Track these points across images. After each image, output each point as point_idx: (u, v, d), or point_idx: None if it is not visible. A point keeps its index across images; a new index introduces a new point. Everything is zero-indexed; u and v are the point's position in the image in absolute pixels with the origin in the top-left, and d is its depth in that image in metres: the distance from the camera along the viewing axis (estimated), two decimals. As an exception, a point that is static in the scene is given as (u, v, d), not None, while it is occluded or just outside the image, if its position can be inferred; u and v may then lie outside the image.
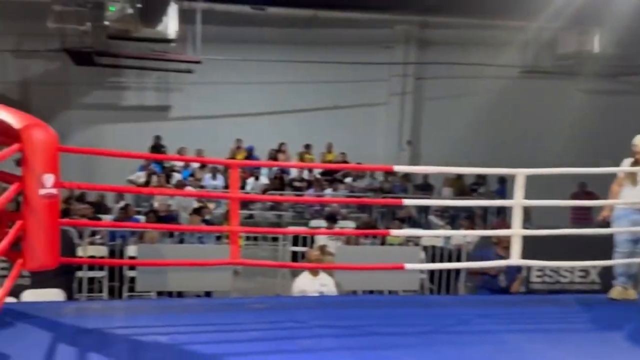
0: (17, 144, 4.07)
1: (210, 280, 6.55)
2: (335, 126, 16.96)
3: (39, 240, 4.24)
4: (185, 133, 16.11)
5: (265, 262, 6.86)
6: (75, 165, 13.42)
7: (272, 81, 16.94)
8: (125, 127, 16.18)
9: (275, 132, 16.23)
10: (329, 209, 12.09)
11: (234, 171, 5.05)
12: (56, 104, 15.81)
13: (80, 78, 16.12)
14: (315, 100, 17.24)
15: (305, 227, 10.94)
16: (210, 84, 16.64)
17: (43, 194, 4.17)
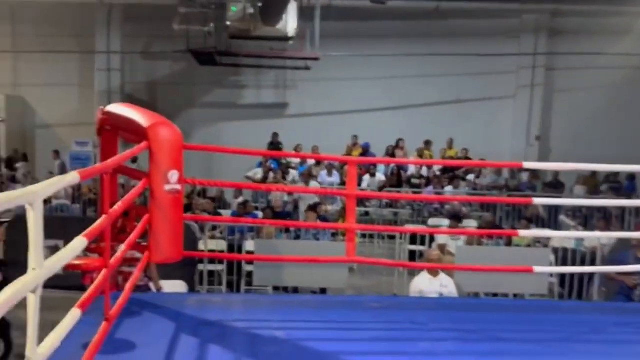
0: (145, 142, 4.31)
1: (326, 276, 6.61)
2: (458, 121, 16.59)
3: (164, 234, 4.46)
4: (301, 130, 16.44)
5: (382, 260, 6.82)
6: (196, 163, 14.17)
7: (391, 76, 16.86)
8: (243, 125, 16.77)
9: (393, 129, 16.14)
10: (450, 207, 11.83)
11: (351, 168, 5.06)
12: (180, 103, 16.71)
13: (203, 78, 16.92)
14: (437, 95, 16.96)
15: (423, 225, 10.78)
16: (327, 80, 16.85)
17: (168, 189, 4.38)
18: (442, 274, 6.35)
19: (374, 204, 13.07)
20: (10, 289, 1.76)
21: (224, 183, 4.99)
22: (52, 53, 16.53)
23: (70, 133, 17.02)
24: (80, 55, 17.26)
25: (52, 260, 2.20)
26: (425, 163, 14.65)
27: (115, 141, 5.20)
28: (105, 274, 3.31)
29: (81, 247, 2.54)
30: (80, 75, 17.51)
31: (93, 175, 3.13)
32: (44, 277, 2.01)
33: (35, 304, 1.96)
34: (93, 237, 2.74)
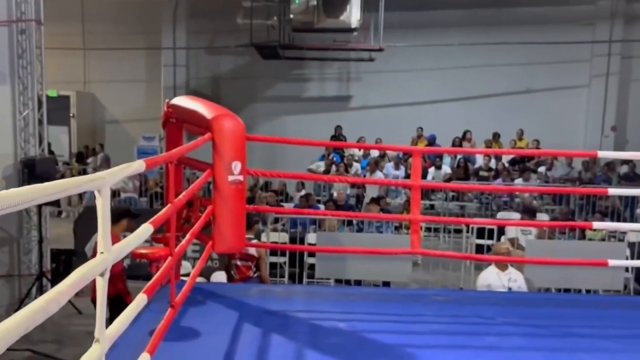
0: (209, 133, 4.40)
1: (389, 269, 6.59)
2: (528, 113, 16.20)
3: (227, 224, 4.55)
4: (364, 123, 16.41)
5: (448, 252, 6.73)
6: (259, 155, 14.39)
7: (457, 66, 16.61)
8: (306, 118, 16.89)
9: (459, 121, 15.90)
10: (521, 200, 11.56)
11: (415, 158, 5.02)
12: (244, 97, 16.97)
13: (266, 72, 17.13)
14: (505, 85, 16.60)
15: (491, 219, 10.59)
16: (392, 71, 16.74)
17: (231, 180, 4.46)
18: (511, 268, 6.22)
19: (439, 197, 12.93)
20: (79, 270, 1.83)
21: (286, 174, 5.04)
22: (120, 50, 17.11)
23: (138, 128, 17.58)
24: (147, 52, 17.80)
25: (120, 245, 2.28)
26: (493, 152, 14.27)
27: (179, 133, 5.33)
28: (170, 262, 3.40)
29: (147, 234, 2.62)
30: (147, 71, 18.05)
31: (158, 163, 3.22)
32: (111, 261, 2.09)
33: (103, 287, 2.04)
34: (159, 224, 2.82)
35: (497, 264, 6.18)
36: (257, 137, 5.59)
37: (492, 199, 12.60)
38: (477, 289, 6.14)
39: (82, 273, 1.82)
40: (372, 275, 6.91)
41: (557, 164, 14.21)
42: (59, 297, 1.60)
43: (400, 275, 6.81)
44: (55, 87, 15.68)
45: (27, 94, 8.14)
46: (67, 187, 1.73)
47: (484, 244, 9.06)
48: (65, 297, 1.65)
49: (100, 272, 2.00)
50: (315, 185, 13.37)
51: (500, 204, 12.26)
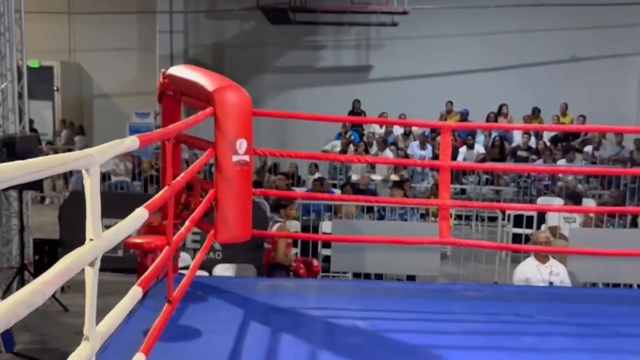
0: (210, 107, 4.41)
1: (414, 262, 6.59)
2: (572, 84, 16.04)
3: (232, 211, 4.56)
4: (387, 96, 16.33)
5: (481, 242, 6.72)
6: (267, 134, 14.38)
7: (492, 31, 16.46)
8: (320, 92, 16.84)
9: (494, 93, 15.78)
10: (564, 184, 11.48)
11: (445, 135, 5.00)
12: (250, 67, 16.93)
13: (275, 38, 17.07)
14: (546, 53, 16.44)
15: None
16: (417, 38, 16.63)
17: (236, 160, 4.47)
18: (553, 260, 6.21)
19: (471, 180, 12.87)
20: (65, 260, 1.85)
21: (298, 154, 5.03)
22: (110, 14, 17.12)
23: (130, 103, 17.63)
24: (139, 17, 17.79)
25: (111, 231, 2.29)
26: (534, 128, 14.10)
27: (177, 107, 5.34)
28: (167, 252, 3.42)
29: (142, 219, 2.63)
30: (141, 38, 18.05)
31: (153, 140, 3.23)
32: (102, 249, 2.10)
33: (93, 278, 2.05)
34: (154, 208, 2.83)
35: (536, 255, 6.16)
36: (264, 112, 5.60)
37: (532, 182, 12.51)
38: (513, 284, 6.13)
39: (69, 262, 1.83)
40: (395, 268, 6.92)
41: (606, 143, 14.09)
42: (44, 288, 1.61)
43: (427, 268, 6.82)
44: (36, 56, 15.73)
45: (4, 64, 8.17)
46: (52, 165, 1.74)
47: (522, 233, 9.02)
48: (51, 288, 1.67)
49: (89, 262, 2.01)
50: (330, 167, 13.35)
51: (540, 188, 12.18)
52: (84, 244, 2.03)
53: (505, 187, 12.78)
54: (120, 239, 2.42)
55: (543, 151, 13.45)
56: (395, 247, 6.02)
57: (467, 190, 12.78)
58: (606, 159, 13.42)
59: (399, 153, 13.33)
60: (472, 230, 10.71)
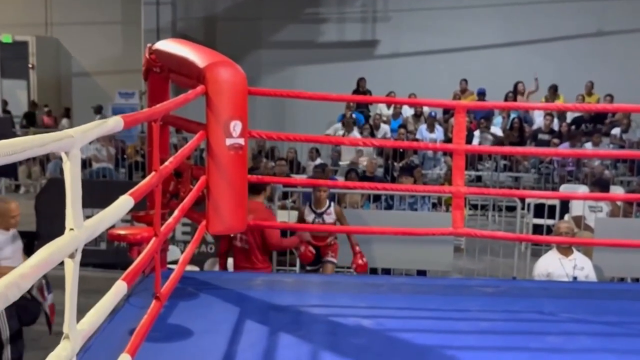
0: (201, 85, 4.40)
1: (426, 255, 6.61)
2: (599, 60, 16.02)
3: (225, 200, 4.57)
4: (395, 74, 16.31)
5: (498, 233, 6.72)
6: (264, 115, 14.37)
7: (510, 2, 16.42)
8: (322, 69, 16.81)
9: (513, 71, 15.75)
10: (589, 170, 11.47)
11: (459, 116, 4.99)
12: (245, 42, 16.91)
13: (272, 11, 17.04)
14: (571, 26, 16.40)
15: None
16: (428, 10, 16.61)
17: (230, 144, 4.47)
18: (577, 252, 6.22)
19: (487, 166, 12.85)
20: (43, 251, 1.85)
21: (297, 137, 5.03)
22: (90, -16, 17.09)
23: (113, 82, 17.63)
24: (123, -14, 17.76)
25: (94, 220, 2.29)
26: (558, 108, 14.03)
27: (165, 86, 5.34)
28: (155, 245, 3.42)
29: (127, 207, 2.63)
30: (124, 10, 18.04)
31: (139, 121, 3.23)
32: (84, 240, 2.10)
33: (73, 271, 2.05)
34: (140, 196, 2.83)
35: (559, 247, 6.17)
36: (261, 90, 5.57)
37: (554, 168, 12.50)
38: (534, 279, 6.15)
39: (47, 254, 1.83)
40: (404, 262, 6.93)
41: (635, 125, 14.06)
42: (20, 282, 1.61)
43: (440, 263, 6.83)
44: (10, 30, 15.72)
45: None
46: (29, 146, 1.73)
47: (544, 224, 9.02)
48: (28, 281, 1.67)
49: (69, 253, 2.01)
50: (333, 151, 13.34)
51: (563, 175, 12.17)
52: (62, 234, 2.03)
53: (525, 174, 12.78)
54: (103, 229, 2.42)
55: (566, 134, 13.42)
56: (404, 239, 6.03)
57: (483, 177, 12.77)
58: (636, 142, 13.41)
59: (409, 136, 13.30)
60: (489, 221, 10.71)
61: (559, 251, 6.17)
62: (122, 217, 2.81)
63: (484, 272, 8.26)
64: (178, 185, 4.88)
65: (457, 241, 8.42)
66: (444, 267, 6.99)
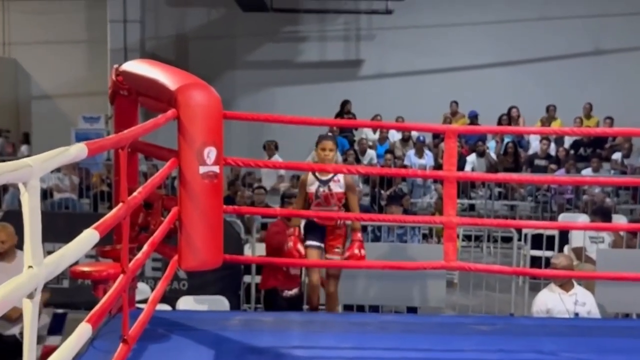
0: (173, 110, 4.39)
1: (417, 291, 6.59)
2: (597, 81, 16.18)
3: (198, 232, 4.54)
4: (380, 96, 16.39)
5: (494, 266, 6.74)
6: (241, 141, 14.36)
7: (502, 20, 16.61)
8: (303, 90, 16.88)
9: (507, 92, 15.91)
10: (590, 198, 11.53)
11: (450, 140, 5.01)
12: (219, 62, 16.96)
13: (249, 29, 17.10)
14: (566, 44, 16.60)
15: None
16: (415, 28, 16.74)
17: (203, 172, 4.45)
18: (578, 287, 6.24)
19: (481, 195, 12.90)
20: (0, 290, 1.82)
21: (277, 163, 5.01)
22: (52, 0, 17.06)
23: (77, 106, 17.57)
24: (88, 3, 17.79)
25: (55, 257, 2.26)
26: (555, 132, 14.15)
27: (133, 110, 5.33)
28: (122, 282, 3.39)
29: (92, 242, 2.61)
30: (89, 29, 18.03)
31: (105, 148, 3.21)
32: (44, 278, 2.07)
33: (32, 313, 2.02)
34: (107, 229, 2.81)
35: (558, 282, 6.18)
36: (237, 114, 5.58)
37: (552, 196, 12.56)
38: (532, 315, 6.15)
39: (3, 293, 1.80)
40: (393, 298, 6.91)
41: (637, 150, 14.18)
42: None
43: (431, 299, 6.82)
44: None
45: None
46: (-18, 177, 1.71)
47: (542, 255, 9.04)
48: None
49: (28, 293, 1.98)
50: (315, 179, 13.34)
51: (562, 203, 12.23)
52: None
53: (521, 202, 12.82)
54: (65, 266, 2.40)
55: (564, 159, 13.52)
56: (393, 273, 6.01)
57: (477, 205, 12.80)
58: (638, 168, 13.51)
59: (396, 162, 13.35)
60: (483, 253, 10.71)
61: (558, 286, 6.18)
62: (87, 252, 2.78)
63: (479, 308, 8.25)
64: (148, 217, 4.85)
65: (450, 275, 8.41)
66: (436, 303, 6.97)
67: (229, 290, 7.27)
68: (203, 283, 7.15)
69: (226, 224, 6.01)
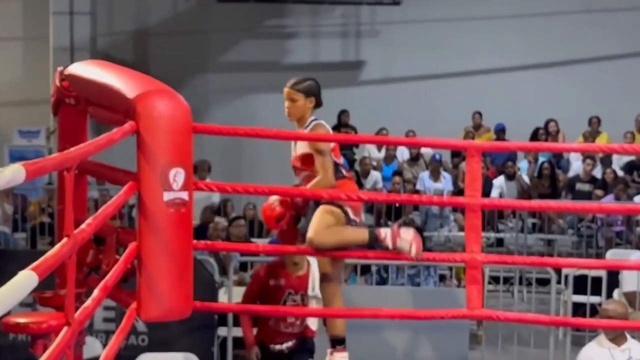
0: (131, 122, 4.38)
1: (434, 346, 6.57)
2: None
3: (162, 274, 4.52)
4: (386, 105, 16.43)
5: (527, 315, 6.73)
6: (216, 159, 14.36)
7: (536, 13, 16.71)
8: (290, 98, 16.86)
9: (540, 101, 15.98)
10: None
11: (472, 160, 5.01)
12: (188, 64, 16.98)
13: (224, 23, 17.16)
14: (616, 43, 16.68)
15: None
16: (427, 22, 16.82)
17: (168, 199, 4.44)
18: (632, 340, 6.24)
19: (511, 227, 12.90)
20: None
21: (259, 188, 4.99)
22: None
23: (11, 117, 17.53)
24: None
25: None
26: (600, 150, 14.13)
27: (82, 122, 5.32)
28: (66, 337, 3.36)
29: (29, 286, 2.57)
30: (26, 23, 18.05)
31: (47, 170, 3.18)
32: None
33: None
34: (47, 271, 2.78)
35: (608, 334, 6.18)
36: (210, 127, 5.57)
37: (598, 228, 12.58)
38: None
39: None
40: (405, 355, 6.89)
41: None
42: None
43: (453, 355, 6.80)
44: None
45: None
46: None
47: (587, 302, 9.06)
48: None
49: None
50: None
51: (611, 237, 12.25)
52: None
53: (560, 236, 12.85)
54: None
55: (613, 184, 13.54)
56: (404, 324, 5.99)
57: (506, 240, 12.81)
58: None
59: (406, 187, 13.35)
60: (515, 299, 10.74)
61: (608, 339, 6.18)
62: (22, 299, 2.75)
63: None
64: (99, 255, 4.83)
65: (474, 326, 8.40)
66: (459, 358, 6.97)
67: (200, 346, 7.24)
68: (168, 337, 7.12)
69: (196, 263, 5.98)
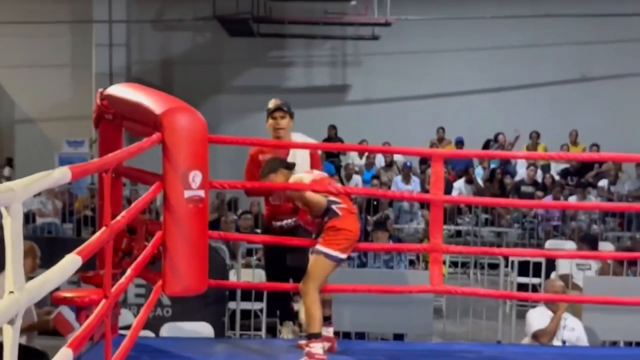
0: (158, 134, 4.38)
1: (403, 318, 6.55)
2: (583, 108, 16.27)
3: (183, 257, 4.52)
4: (367, 122, 16.45)
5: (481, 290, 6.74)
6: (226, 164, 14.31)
7: (488, 47, 16.70)
8: (290, 116, 16.84)
9: (492, 119, 15.98)
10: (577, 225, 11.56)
11: (436, 164, 5.02)
12: (205, 87, 16.97)
13: (235, 54, 17.15)
14: (553, 72, 16.72)
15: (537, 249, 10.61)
16: (402, 54, 16.82)
17: (188, 196, 4.44)
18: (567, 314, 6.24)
19: (468, 221, 12.92)
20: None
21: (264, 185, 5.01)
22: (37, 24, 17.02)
23: (61, 130, 17.47)
24: (73, 27, 17.74)
25: (36, 282, 2.24)
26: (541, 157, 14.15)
27: (118, 134, 5.32)
28: (104, 308, 3.36)
29: (74, 267, 2.58)
30: (74, 53, 17.98)
31: (89, 172, 3.19)
32: (25, 304, 2.05)
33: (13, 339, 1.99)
34: (89, 254, 2.78)
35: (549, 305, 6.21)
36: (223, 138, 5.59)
37: (539, 222, 12.59)
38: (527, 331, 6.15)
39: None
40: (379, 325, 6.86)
41: (624, 177, 14.23)
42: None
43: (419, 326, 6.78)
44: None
45: None
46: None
47: (529, 282, 9.05)
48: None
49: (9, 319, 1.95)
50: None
51: (549, 230, 12.26)
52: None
53: (508, 229, 12.85)
54: (47, 292, 2.37)
55: (551, 187, 13.55)
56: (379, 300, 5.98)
57: (464, 232, 12.82)
58: (625, 195, 13.54)
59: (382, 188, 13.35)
60: (470, 280, 10.72)
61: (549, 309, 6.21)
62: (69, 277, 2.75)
63: (466, 336, 8.22)
64: (131, 242, 4.81)
65: (437, 301, 8.39)
66: (423, 330, 6.94)
67: (214, 316, 7.21)
68: (187, 309, 7.09)
69: (211, 249, 5.98)
